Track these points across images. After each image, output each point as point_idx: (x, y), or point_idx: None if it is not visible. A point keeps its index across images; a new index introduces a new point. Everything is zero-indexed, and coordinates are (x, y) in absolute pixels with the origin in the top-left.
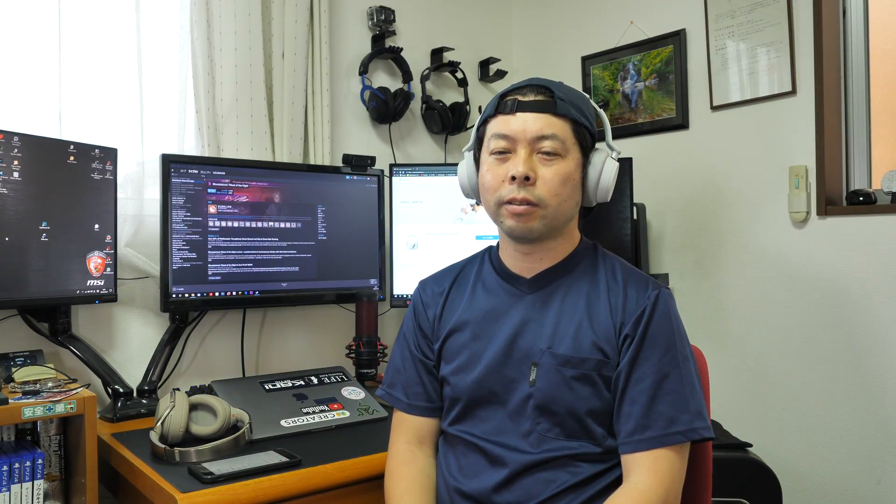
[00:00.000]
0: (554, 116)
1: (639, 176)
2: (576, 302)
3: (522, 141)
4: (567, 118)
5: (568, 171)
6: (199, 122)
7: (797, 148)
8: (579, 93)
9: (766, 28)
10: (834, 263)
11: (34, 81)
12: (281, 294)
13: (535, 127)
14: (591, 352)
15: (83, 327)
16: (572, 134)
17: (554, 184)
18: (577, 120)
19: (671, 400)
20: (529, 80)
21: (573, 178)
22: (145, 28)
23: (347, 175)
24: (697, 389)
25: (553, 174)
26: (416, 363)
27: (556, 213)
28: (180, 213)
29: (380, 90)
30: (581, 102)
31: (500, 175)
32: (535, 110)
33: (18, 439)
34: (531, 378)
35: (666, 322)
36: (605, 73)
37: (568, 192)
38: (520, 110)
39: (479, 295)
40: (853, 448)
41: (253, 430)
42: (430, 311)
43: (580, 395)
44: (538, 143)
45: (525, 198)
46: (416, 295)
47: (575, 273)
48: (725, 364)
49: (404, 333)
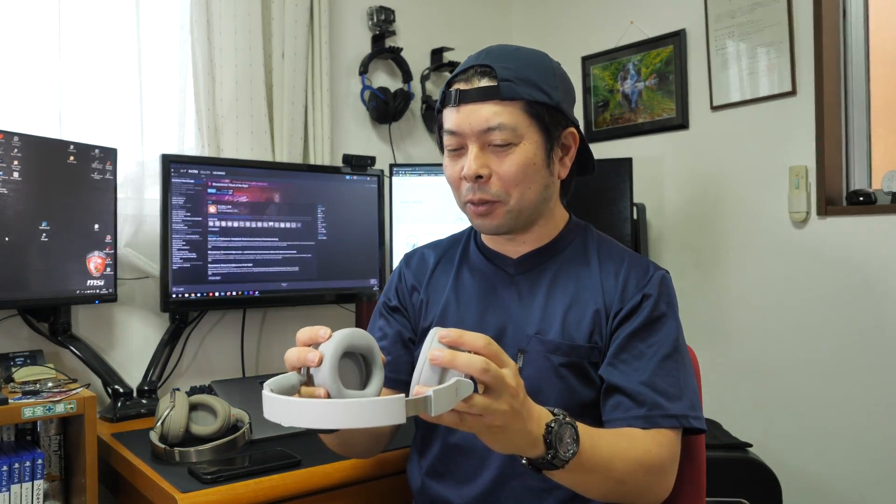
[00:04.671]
0: (500, 102)
1: (639, 176)
2: (565, 285)
3: (470, 136)
4: (516, 100)
5: (525, 159)
6: (199, 122)
7: (797, 148)
8: (533, 57)
9: (766, 28)
10: (834, 263)
11: (34, 81)
12: (281, 294)
13: (480, 119)
14: (582, 338)
15: (83, 327)
16: (525, 116)
17: (510, 176)
18: (530, 98)
19: (670, 382)
20: (475, 57)
21: (533, 164)
22: (145, 28)
23: (347, 175)
24: (692, 380)
25: (508, 166)
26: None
27: (522, 205)
28: (180, 213)
29: (380, 90)
30: (533, 71)
31: (456, 173)
32: (479, 99)
33: (18, 439)
34: (518, 366)
35: (670, 306)
36: (605, 73)
37: (530, 178)
38: (463, 102)
39: (465, 276)
40: (853, 448)
41: (253, 430)
42: (413, 288)
43: (570, 385)
44: (487, 136)
45: (481, 198)
46: (399, 269)
47: (564, 255)
48: (725, 364)
49: (384, 303)
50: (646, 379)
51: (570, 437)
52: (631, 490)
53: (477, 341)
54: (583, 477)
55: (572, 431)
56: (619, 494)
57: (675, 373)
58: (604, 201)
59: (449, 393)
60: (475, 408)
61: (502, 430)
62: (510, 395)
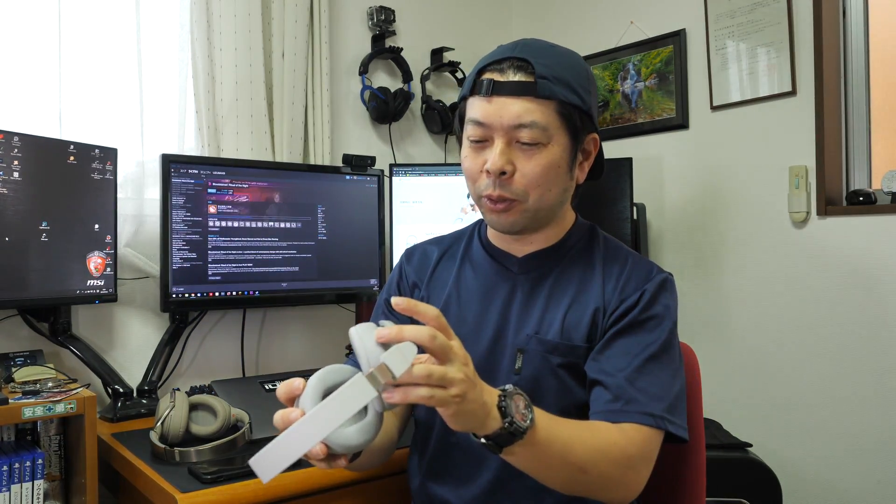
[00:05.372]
0: (535, 100)
1: (639, 176)
2: (567, 286)
3: (499, 130)
4: (552, 99)
5: (551, 160)
6: (199, 122)
7: (797, 148)
8: (570, 58)
9: (766, 28)
10: (834, 264)
11: (34, 81)
12: (281, 294)
13: (512, 114)
14: (580, 339)
15: (83, 327)
16: (557, 117)
17: (534, 176)
18: (565, 99)
19: (652, 381)
20: (510, 48)
21: (558, 167)
22: (145, 28)
23: (347, 175)
24: (678, 387)
25: (534, 166)
26: None
27: (540, 205)
28: (180, 213)
29: (380, 90)
30: (570, 73)
31: (477, 165)
32: (514, 94)
33: (18, 439)
34: (517, 365)
35: (665, 309)
36: (605, 73)
37: (552, 181)
38: (496, 93)
39: (467, 273)
40: (853, 448)
41: (253, 430)
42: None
43: (567, 386)
44: (516, 132)
45: (501, 195)
46: (400, 265)
47: (569, 256)
48: (725, 364)
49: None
50: (627, 375)
51: (525, 406)
52: (594, 481)
53: (429, 311)
54: (542, 460)
55: (526, 401)
56: (583, 484)
57: (659, 374)
58: (604, 201)
59: (397, 355)
60: (433, 376)
61: (462, 399)
62: (461, 363)
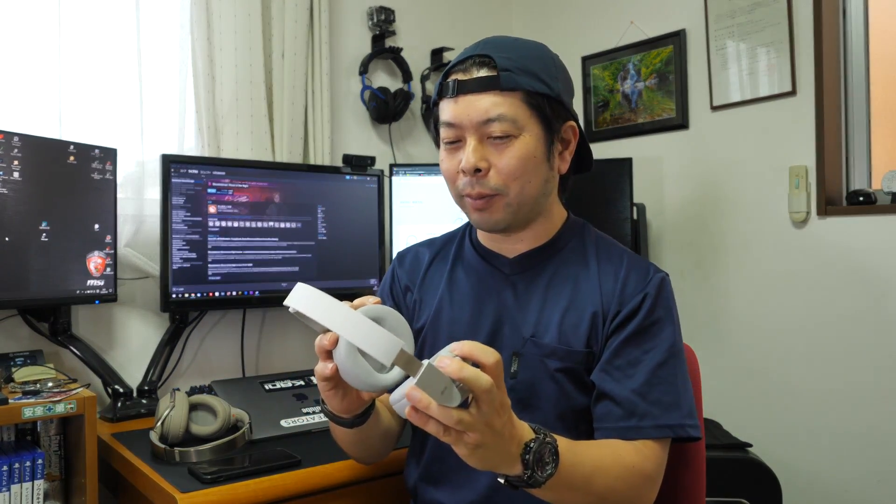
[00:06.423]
0: (500, 93)
1: (639, 176)
2: (562, 287)
3: (469, 128)
4: (516, 90)
5: (525, 151)
6: (199, 122)
7: (797, 148)
8: (534, 49)
9: (766, 28)
10: (834, 264)
11: (34, 81)
12: (281, 294)
13: (479, 110)
14: (579, 344)
15: (83, 327)
16: (525, 107)
17: (510, 170)
18: (530, 89)
19: (664, 390)
20: (473, 47)
21: (534, 157)
22: (145, 28)
23: (347, 175)
24: (689, 387)
25: (508, 159)
26: None
27: (521, 198)
28: (180, 213)
29: (380, 90)
30: (534, 63)
31: (453, 166)
32: (479, 90)
33: (18, 439)
34: (513, 369)
35: (667, 311)
36: (606, 73)
37: (530, 172)
38: (461, 92)
39: (459, 275)
40: (853, 448)
41: (253, 430)
42: (406, 288)
43: (565, 390)
44: (486, 128)
45: (480, 192)
46: (392, 269)
47: (562, 255)
48: (725, 364)
49: None
50: (638, 388)
51: (550, 457)
52: (612, 503)
53: (488, 358)
54: (563, 494)
55: (552, 450)
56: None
57: (670, 380)
58: (604, 201)
59: (439, 383)
60: (460, 424)
61: (480, 447)
62: (496, 414)
